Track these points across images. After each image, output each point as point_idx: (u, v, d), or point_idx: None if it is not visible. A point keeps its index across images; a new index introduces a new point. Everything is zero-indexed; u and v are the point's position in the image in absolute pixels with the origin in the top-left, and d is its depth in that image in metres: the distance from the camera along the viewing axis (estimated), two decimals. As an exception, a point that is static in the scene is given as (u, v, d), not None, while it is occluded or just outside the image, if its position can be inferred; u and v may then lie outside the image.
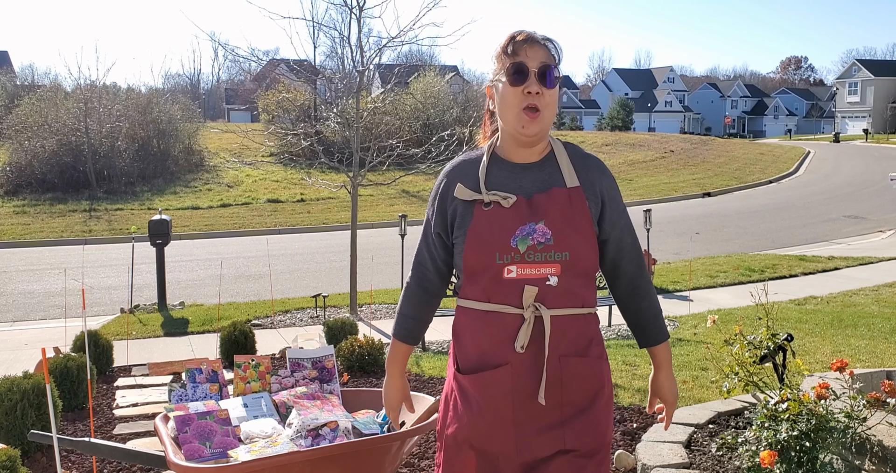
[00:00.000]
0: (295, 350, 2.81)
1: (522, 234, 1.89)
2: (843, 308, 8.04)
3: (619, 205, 2.01)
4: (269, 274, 11.47)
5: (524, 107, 1.89)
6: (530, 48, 1.91)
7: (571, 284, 1.90)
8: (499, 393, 1.91)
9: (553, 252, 1.88)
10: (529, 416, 1.91)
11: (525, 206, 1.92)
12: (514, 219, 1.91)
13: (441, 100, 31.73)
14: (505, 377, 1.90)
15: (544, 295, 1.88)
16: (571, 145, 2.04)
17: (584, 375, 1.92)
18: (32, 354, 6.99)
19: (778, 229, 17.03)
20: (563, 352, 1.90)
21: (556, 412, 1.91)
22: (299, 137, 10.18)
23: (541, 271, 1.88)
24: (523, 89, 1.89)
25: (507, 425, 1.91)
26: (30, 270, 13.88)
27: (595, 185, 1.97)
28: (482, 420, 1.92)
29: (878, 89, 62.90)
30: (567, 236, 1.89)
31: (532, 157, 1.99)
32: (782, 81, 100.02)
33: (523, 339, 1.87)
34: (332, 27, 24.34)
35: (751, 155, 35.65)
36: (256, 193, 23.87)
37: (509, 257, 1.88)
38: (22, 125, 24.08)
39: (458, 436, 1.95)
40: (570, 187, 1.94)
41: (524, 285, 1.87)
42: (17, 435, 4.00)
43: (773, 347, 3.74)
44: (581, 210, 1.92)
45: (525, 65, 1.89)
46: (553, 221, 1.90)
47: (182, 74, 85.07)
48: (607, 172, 2.02)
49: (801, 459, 2.88)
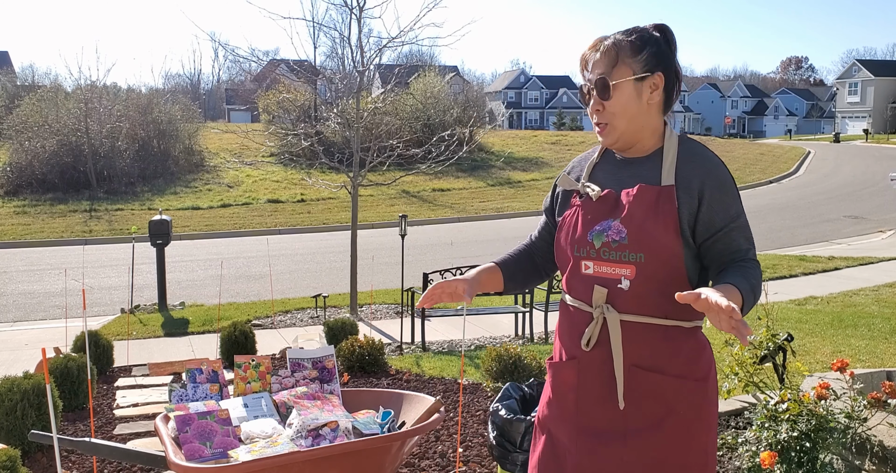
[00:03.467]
0: (295, 350, 2.81)
1: (599, 229, 1.85)
2: (843, 308, 8.04)
3: (724, 207, 1.82)
4: (269, 274, 11.47)
5: (596, 123, 1.91)
6: (594, 63, 1.88)
7: (647, 290, 1.80)
8: (565, 386, 1.93)
9: (627, 252, 1.80)
10: (593, 418, 1.87)
11: (611, 200, 1.87)
12: (598, 212, 1.87)
13: (441, 100, 31.74)
14: (571, 372, 1.91)
15: (615, 297, 1.82)
16: (688, 141, 1.92)
17: (653, 391, 1.82)
18: (33, 354, 7.00)
19: (778, 229, 17.03)
20: (634, 361, 1.82)
21: (620, 421, 1.84)
22: (299, 137, 10.18)
23: (616, 271, 1.82)
24: (590, 110, 1.91)
25: (570, 419, 1.91)
26: (30, 270, 13.89)
27: (693, 185, 1.82)
28: (552, 407, 1.98)
29: (878, 89, 62.87)
30: (643, 236, 1.79)
31: (639, 152, 1.93)
32: (782, 81, 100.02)
33: (588, 336, 1.85)
34: (333, 27, 24.32)
35: (751, 155, 35.66)
36: (257, 193, 23.88)
37: (585, 251, 1.86)
38: (22, 125, 24.08)
39: (539, 417, 2.04)
40: (662, 185, 1.83)
41: (594, 285, 1.84)
42: (17, 435, 4.00)
43: (773, 347, 3.73)
44: (667, 211, 1.80)
45: (584, 86, 1.91)
46: (630, 219, 1.81)
47: (182, 74, 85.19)
48: (717, 171, 1.84)
49: (801, 459, 2.88)
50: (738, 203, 1.86)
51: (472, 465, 3.76)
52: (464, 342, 6.82)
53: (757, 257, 1.86)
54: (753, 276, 1.75)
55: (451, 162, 9.44)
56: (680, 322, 1.83)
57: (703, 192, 1.82)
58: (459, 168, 27.79)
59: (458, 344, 6.98)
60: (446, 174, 26.12)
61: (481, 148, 29.68)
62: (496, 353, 5.02)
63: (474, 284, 2.04)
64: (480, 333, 7.54)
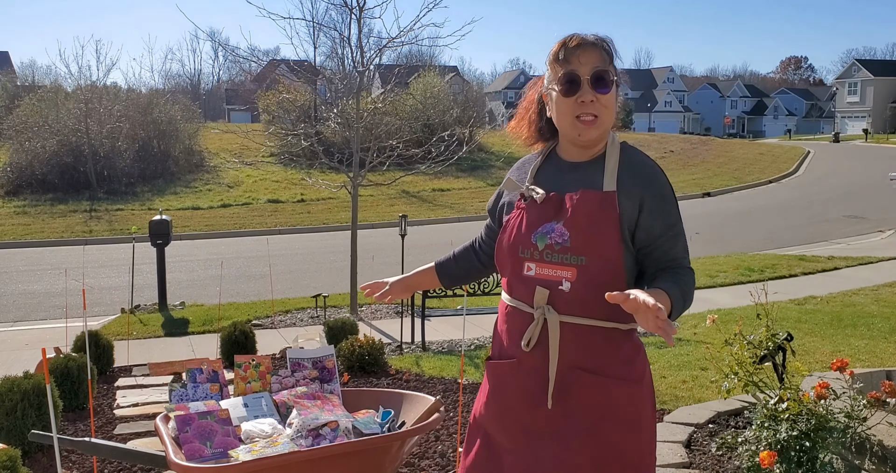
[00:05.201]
0: (295, 350, 2.81)
1: (542, 231, 1.89)
2: (842, 308, 8.04)
3: (663, 215, 1.87)
4: (269, 274, 11.47)
5: (578, 116, 1.87)
6: (583, 53, 1.86)
7: (587, 292, 1.83)
8: (504, 386, 1.95)
9: (569, 255, 1.84)
10: (534, 417, 1.90)
11: (555, 204, 1.91)
12: (541, 215, 1.91)
13: (441, 100, 31.73)
14: (511, 372, 1.93)
15: (556, 299, 1.85)
16: (630, 149, 1.96)
17: (592, 392, 1.85)
18: (33, 354, 7.00)
19: (778, 229, 17.03)
20: (573, 363, 1.85)
21: (559, 421, 1.87)
22: (299, 137, 10.18)
23: (557, 273, 1.85)
24: (577, 99, 1.86)
25: (511, 419, 1.93)
26: (30, 270, 13.89)
27: (635, 192, 1.86)
28: (490, 406, 1.99)
29: (878, 89, 62.89)
30: (585, 240, 1.83)
31: (583, 156, 1.96)
32: (782, 81, 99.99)
33: (528, 337, 1.87)
34: (333, 27, 24.30)
35: (750, 155, 35.65)
36: (257, 193, 23.88)
37: (529, 252, 1.90)
38: (22, 126, 24.07)
39: (475, 416, 2.06)
40: (605, 190, 1.87)
41: (536, 286, 1.87)
42: (17, 435, 4.00)
43: (772, 347, 3.74)
44: (609, 217, 1.84)
45: (577, 74, 1.85)
46: (573, 223, 1.85)
47: (182, 74, 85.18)
48: (657, 180, 1.90)
49: (800, 459, 2.88)
50: (677, 212, 1.91)
51: (472, 465, 3.76)
52: (464, 341, 6.83)
53: (691, 265, 1.92)
54: (685, 282, 1.83)
55: (450, 162, 9.44)
56: (618, 325, 1.87)
57: (644, 200, 1.86)
58: (459, 168, 27.79)
59: (458, 344, 6.98)
60: (446, 174, 26.11)
61: (481, 148, 29.66)
62: (496, 353, 5.01)
63: (402, 282, 2.37)
64: (480, 333, 7.54)
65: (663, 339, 1.77)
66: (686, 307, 1.82)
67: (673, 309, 1.74)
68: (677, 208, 1.92)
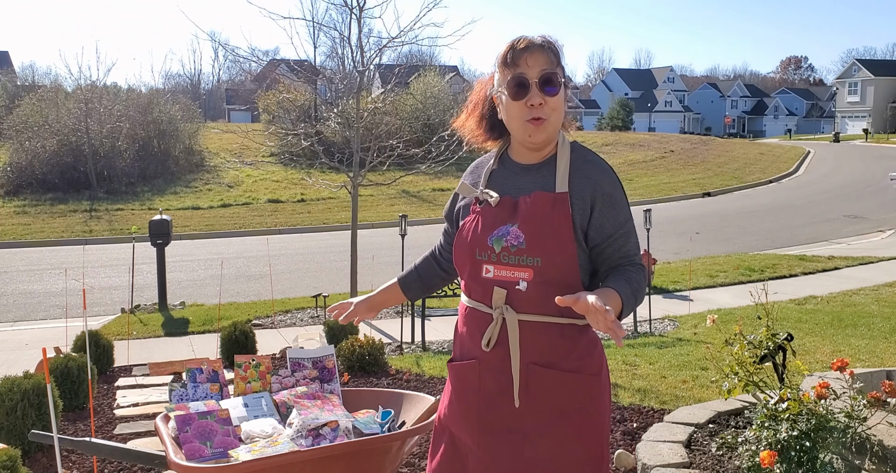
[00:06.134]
0: (295, 350, 2.81)
1: (498, 234, 1.91)
2: (843, 308, 8.04)
3: (614, 213, 1.91)
4: (269, 274, 11.47)
5: (528, 119, 1.89)
6: (530, 56, 1.87)
7: (545, 291, 1.85)
8: (467, 386, 1.98)
9: (525, 256, 1.87)
10: (495, 415, 1.93)
11: (508, 207, 1.93)
12: (495, 218, 1.93)
13: (441, 100, 31.73)
14: (472, 372, 1.96)
15: (513, 299, 1.88)
16: (580, 149, 1.99)
17: (551, 387, 1.89)
18: (33, 354, 7.00)
19: (778, 229, 17.03)
20: (532, 359, 1.89)
21: (519, 418, 1.91)
22: (299, 137, 10.18)
23: (514, 275, 1.88)
24: (526, 102, 1.88)
25: (473, 418, 1.96)
26: (30, 270, 13.89)
27: (586, 191, 1.90)
28: (453, 407, 2.02)
29: (878, 89, 62.89)
30: (540, 241, 1.86)
31: (535, 158, 1.98)
32: (782, 80, 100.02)
33: (488, 337, 1.90)
34: (333, 27, 24.26)
35: (751, 155, 35.65)
36: (257, 193, 23.88)
37: (486, 254, 1.92)
38: (22, 125, 24.08)
39: (440, 418, 2.09)
40: (557, 192, 1.90)
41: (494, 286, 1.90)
42: (17, 435, 4.00)
43: (773, 347, 3.73)
44: (562, 217, 1.87)
45: (525, 77, 1.87)
46: (528, 225, 1.88)
47: (182, 74, 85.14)
48: (608, 179, 1.93)
49: (801, 459, 2.88)
50: (627, 210, 1.95)
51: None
52: (464, 341, 6.83)
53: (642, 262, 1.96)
54: (636, 281, 1.87)
55: (451, 162, 9.43)
56: (574, 321, 1.90)
57: (595, 199, 1.90)
58: (459, 168, 27.62)
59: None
60: (446, 174, 26.08)
61: (481, 148, 29.65)
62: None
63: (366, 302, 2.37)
64: (480, 333, 7.54)
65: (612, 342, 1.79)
66: (637, 304, 1.87)
67: (624, 308, 1.78)
68: (628, 206, 1.96)
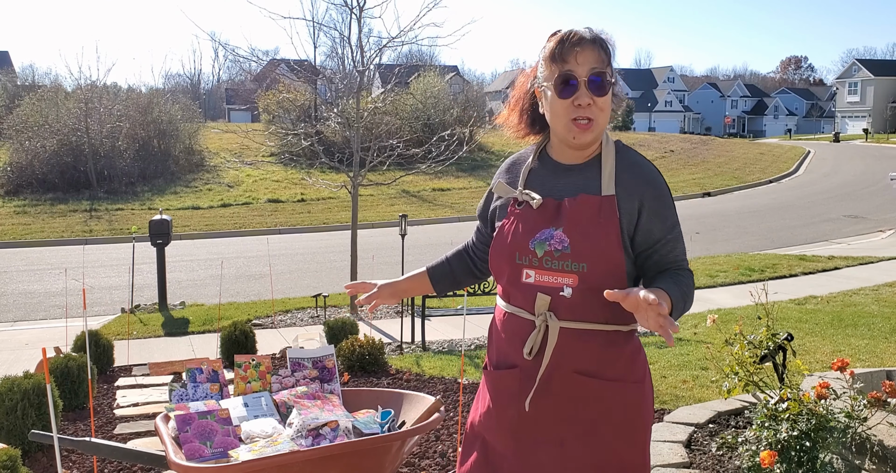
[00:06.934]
0: (295, 350, 2.81)
1: (541, 238, 1.82)
2: (843, 308, 8.04)
3: (662, 218, 1.84)
4: (269, 274, 11.47)
5: (574, 118, 1.80)
6: (581, 53, 1.77)
7: (590, 298, 1.78)
8: (506, 394, 1.90)
9: (570, 262, 1.78)
10: (533, 424, 1.86)
11: (551, 209, 1.84)
12: (537, 221, 1.84)
13: (441, 100, 31.75)
14: (513, 380, 1.88)
15: (557, 305, 1.80)
16: (624, 149, 1.91)
17: (595, 396, 1.82)
18: (33, 354, 7.00)
19: (778, 229, 17.03)
20: (576, 368, 1.81)
21: (557, 426, 1.84)
22: (300, 137, 10.19)
23: (557, 280, 1.79)
24: (573, 101, 1.78)
25: (510, 427, 1.89)
26: (30, 270, 13.89)
27: (633, 195, 1.82)
28: (490, 415, 1.94)
29: (878, 89, 62.88)
30: (586, 247, 1.78)
31: (578, 158, 1.89)
32: (782, 80, 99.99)
33: (530, 345, 1.82)
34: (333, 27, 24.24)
35: (751, 155, 35.65)
36: (257, 193, 23.88)
37: (527, 259, 1.83)
38: (23, 125, 24.08)
39: (473, 424, 2.01)
40: (603, 195, 1.81)
41: (538, 293, 1.81)
42: (17, 435, 4.00)
43: (773, 347, 3.73)
44: (609, 222, 1.79)
45: (574, 75, 1.77)
46: (573, 229, 1.79)
47: (182, 74, 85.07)
48: (655, 182, 1.85)
49: (801, 459, 2.88)
50: (675, 214, 1.88)
51: (472, 465, 3.76)
52: (464, 341, 6.83)
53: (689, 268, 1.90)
54: (686, 284, 1.79)
55: (451, 162, 9.44)
56: (619, 327, 1.84)
57: (644, 202, 1.82)
58: (459, 168, 27.79)
59: (458, 344, 6.98)
60: (446, 174, 26.12)
61: (481, 148, 29.67)
62: (496, 353, 5.01)
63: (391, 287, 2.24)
64: (480, 332, 7.53)
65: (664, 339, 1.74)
66: (686, 308, 1.78)
67: (673, 309, 1.70)
68: (675, 210, 1.89)
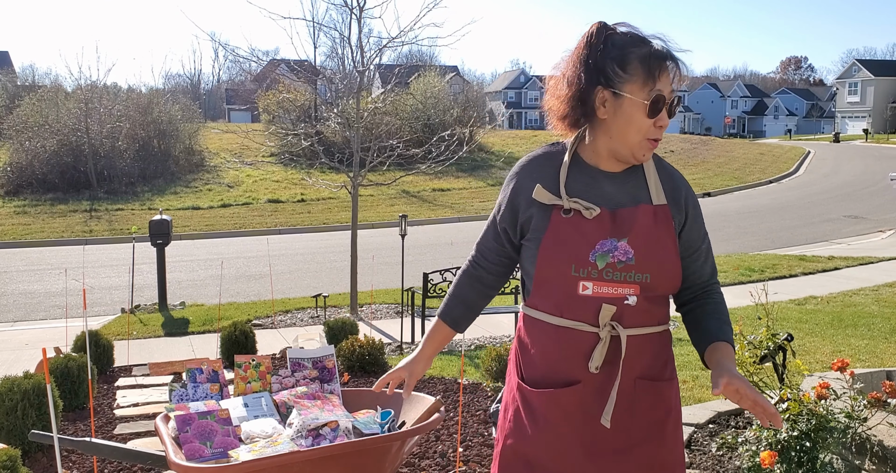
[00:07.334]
0: (295, 350, 2.81)
1: (603, 249, 1.76)
2: (843, 308, 8.04)
3: (698, 226, 1.88)
4: (269, 274, 11.47)
5: (650, 137, 1.77)
6: (667, 72, 1.75)
7: (650, 304, 1.79)
8: (565, 412, 1.80)
9: (634, 273, 1.75)
10: (596, 438, 1.80)
11: (608, 219, 1.78)
12: (595, 232, 1.77)
13: (441, 100, 31.77)
14: (575, 397, 1.79)
15: (622, 314, 1.76)
16: (661, 160, 1.91)
17: (657, 399, 1.82)
18: (33, 354, 7.00)
19: (778, 229, 17.03)
20: (638, 374, 1.80)
21: (623, 435, 1.80)
22: (300, 137, 10.19)
23: (619, 291, 1.76)
24: (655, 123, 1.76)
25: (574, 445, 1.80)
26: (30, 270, 13.89)
27: (681, 202, 1.85)
28: (544, 436, 1.82)
29: (878, 89, 62.86)
30: (650, 257, 1.77)
31: (619, 166, 1.85)
32: (782, 81, 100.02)
33: (598, 360, 1.76)
34: (333, 27, 24.27)
35: (751, 155, 35.66)
36: (257, 193, 23.88)
37: (586, 271, 1.76)
38: (23, 125, 24.10)
39: (517, 449, 1.86)
40: (656, 204, 1.82)
41: (601, 304, 1.75)
42: (17, 435, 4.00)
43: (773, 347, 3.73)
44: (667, 230, 1.80)
45: (664, 97, 1.75)
46: (637, 240, 1.77)
47: (182, 74, 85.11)
48: (691, 192, 1.90)
49: (801, 459, 2.88)
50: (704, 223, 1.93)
51: (472, 465, 3.76)
52: (464, 341, 6.83)
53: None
54: (725, 312, 1.87)
55: (451, 162, 9.44)
56: (666, 326, 1.86)
57: (688, 211, 1.86)
58: (459, 168, 27.80)
59: (458, 344, 6.98)
60: (446, 174, 26.13)
61: (481, 148, 29.69)
62: (496, 353, 5.02)
63: (417, 363, 2.09)
64: (480, 333, 7.53)
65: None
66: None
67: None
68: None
